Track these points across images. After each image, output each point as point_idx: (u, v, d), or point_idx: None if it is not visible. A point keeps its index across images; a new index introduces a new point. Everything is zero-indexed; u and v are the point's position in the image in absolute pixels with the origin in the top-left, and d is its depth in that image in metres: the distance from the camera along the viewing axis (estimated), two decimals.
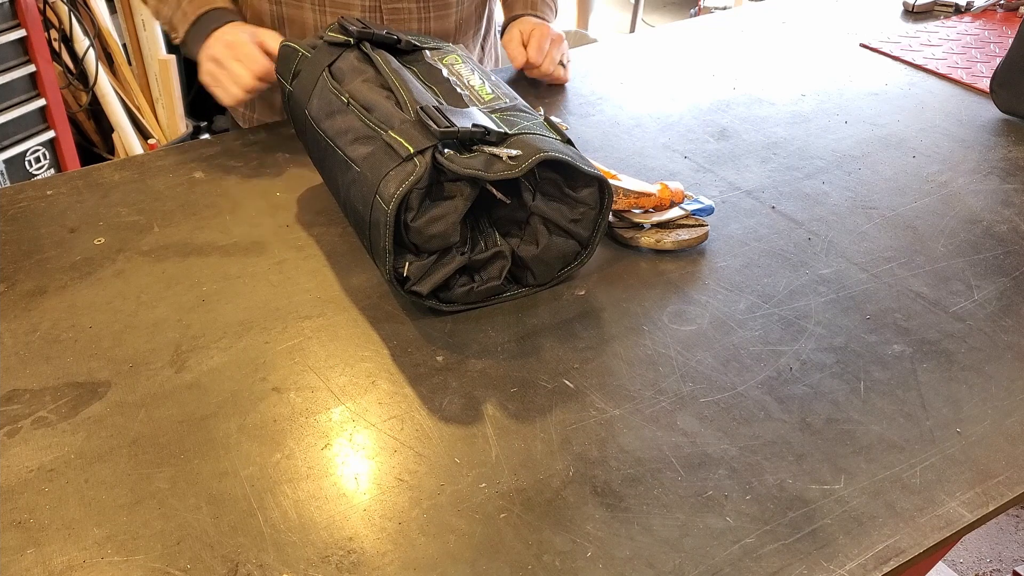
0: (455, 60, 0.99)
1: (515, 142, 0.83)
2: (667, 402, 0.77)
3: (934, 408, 0.77)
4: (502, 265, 0.87)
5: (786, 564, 0.63)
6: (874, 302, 0.89)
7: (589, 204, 0.87)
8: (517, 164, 0.81)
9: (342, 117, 0.91)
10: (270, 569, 0.62)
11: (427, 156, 0.80)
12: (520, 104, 0.92)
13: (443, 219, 0.81)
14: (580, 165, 0.84)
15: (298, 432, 0.74)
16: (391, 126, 0.85)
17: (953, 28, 1.59)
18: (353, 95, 0.92)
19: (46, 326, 0.85)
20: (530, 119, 0.88)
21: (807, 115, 1.28)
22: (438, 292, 0.86)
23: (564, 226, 0.88)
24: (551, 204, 0.87)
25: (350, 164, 0.87)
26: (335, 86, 0.94)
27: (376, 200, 0.81)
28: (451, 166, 0.80)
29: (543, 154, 0.81)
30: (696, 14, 4.11)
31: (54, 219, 1.01)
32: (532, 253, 0.88)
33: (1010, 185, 1.11)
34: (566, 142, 0.87)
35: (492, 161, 0.81)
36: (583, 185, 0.86)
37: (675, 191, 0.98)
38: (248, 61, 1.09)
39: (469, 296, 0.87)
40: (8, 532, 0.65)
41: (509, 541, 0.64)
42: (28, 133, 2.20)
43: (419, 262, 0.83)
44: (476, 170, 0.80)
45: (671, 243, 0.96)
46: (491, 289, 0.87)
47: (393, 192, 0.79)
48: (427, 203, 0.81)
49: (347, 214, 0.92)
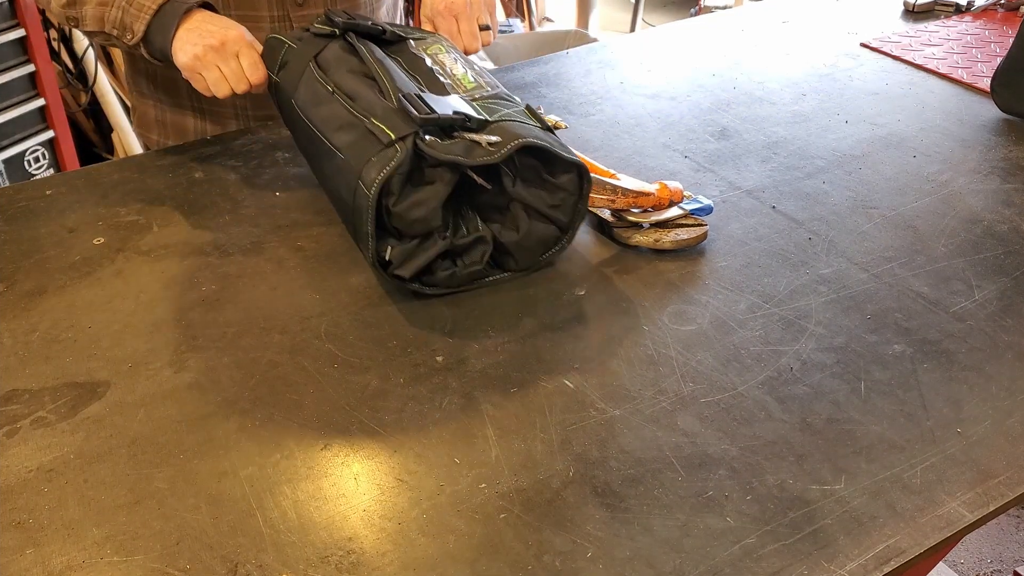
0: (439, 50, 1.01)
1: (495, 129, 0.85)
2: (667, 402, 0.77)
3: (935, 408, 0.77)
4: (483, 250, 0.89)
5: (786, 564, 0.63)
6: (875, 302, 0.89)
7: (568, 190, 0.89)
8: (496, 150, 0.83)
9: (327, 106, 0.93)
10: (269, 569, 0.62)
11: (408, 142, 0.82)
12: (502, 92, 0.93)
13: (424, 204, 0.83)
14: (559, 151, 0.86)
15: (298, 432, 0.73)
16: (374, 114, 0.87)
17: (954, 28, 1.59)
18: (338, 84, 0.94)
19: (45, 326, 0.85)
20: (511, 107, 0.90)
21: (807, 115, 1.28)
22: (421, 276, 0.88)
23: (544, 211, 0.89)
24: (531, 190, 0.88)
25: (335, 152, 0.89)
26: (321, 76, 0.96)
27: (359, 185, 0.83)
28: (432, 152, 0.82)
29: (522, 140, 0.83)
30: (696, 14, 4.11)
31: (53, 219, 1.01)
32: (513, 238, 0.90)
33: (1011, 185, 1.10)
34: (546, 129, 0.89)
35: (472, 147, 0.83)
36: (562, 171, 0.88)
37: (674, 190, 0.98)
38: (249, 67, 1.03)
39: (452, 280, 0.88)
40: (7, 532, 0.65)
41: (509, 541, 0.64)
42: (27, 133, 2.19)
43: (401, 246, 0.85)
44: (456, 156, 0.82)
45: (670, 243, 0.96)
46: (473, 274, 0.89)
47: (375, 177, 0.81)
48: (408, 188, 0.83)
49: (332, 200, 0.94)
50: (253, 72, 1.03)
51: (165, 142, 1.27)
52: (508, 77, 1.39)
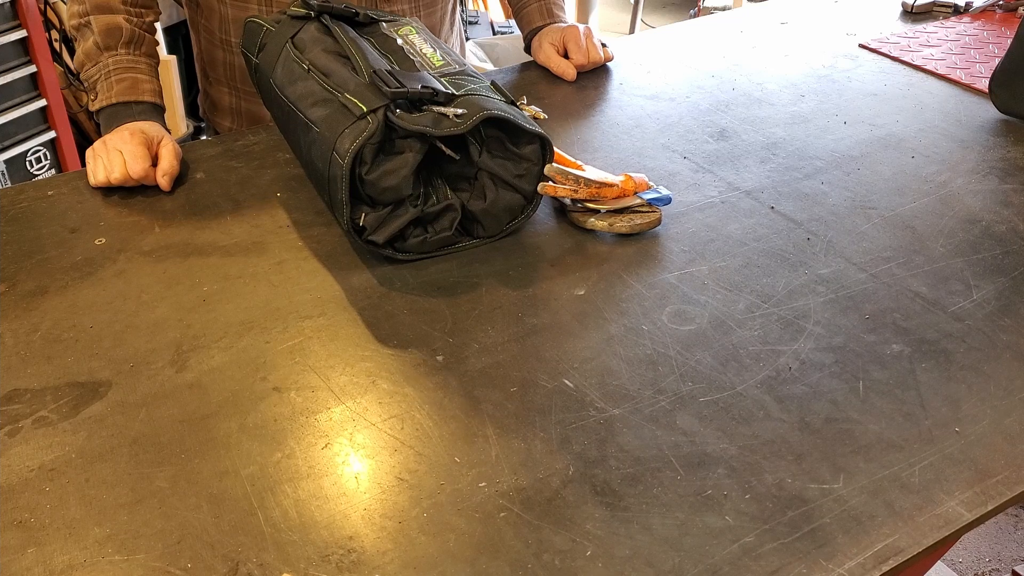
0: (409, 31, 1.05)
1: (461, 102, 0.90)
2: (666, 402, 0.77)
3: (933, 407, 0.77)
4: (453, 217, 0.94)
5: (785, 563, 0.63)
6: (873, 302, 0.90)
7: (532, 160, 0.95)
8: (463, 121, 0.88)
9: (303, 83, 0.97)
10: (270, 568, 0.62)
11: (379, 115, 0.87)
12: (468, 70, 0.99)
13: (395, 173, 0.89)
14: (522, 123, 0.92)
15: (298, 431, 0.74)
16: (347, 89, 0.92)
17: (952, 28, 1.59)
18: (313, 62, 0.98)
19: (47, 326, 0.85)
20: (477, 83, 0.96)
21: (806, 115, 1.28)
22: (394, 243, 0.93)
23: (510, 181, 0.95)
24: (497, 160, 0.94)
25: (310, 126, 0.93)
26: (297, 55, 1.01)
27: (333, 155, 0.88)
28: (401, 123, 0.87)
29: (486, 112, 0.89)
30: (696, 15, 4.12)
31: (55, 219, 1.02)
32: (481, 207, 0.95)
33: (1009, 185, 1.11)
34: (510, 103, 0.94)
35: (440, 119, 0.88)
36: (526, 142, 0.94)
37: (639, 182, 1.01)
38: (131, 159, 1.05)
39: (423, 246, 0.94)
40: (9, 531, 0.65)
41: (509, 540, 0.65)
42: (29, 133, 2.19)
43: (375, 213, 0.91)
44: (425, 127, 0.87)
45: (626, 227, 0.98)
46: (443, 240, 0.94)
47: (348, 147, 0.86)
48: (380, 158, 0.89)
49: (309, 174, 1.00)
50: (116, 170, 1.05)
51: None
52: (508, 78, 1.40)
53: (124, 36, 1.15)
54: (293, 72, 1.00)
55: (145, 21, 1.18)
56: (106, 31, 1.14)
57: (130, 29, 1.15)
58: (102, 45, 1.14)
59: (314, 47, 1.00)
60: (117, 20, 1.14)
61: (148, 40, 1.18)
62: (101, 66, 1.14)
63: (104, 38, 1.14)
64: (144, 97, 1.14)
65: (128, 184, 1.06)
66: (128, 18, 1.15)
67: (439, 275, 0.93)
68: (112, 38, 1.14)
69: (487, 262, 0.95)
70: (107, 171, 1.05)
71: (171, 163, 1.07)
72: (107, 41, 1.14)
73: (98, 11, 1.14)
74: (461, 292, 0.90)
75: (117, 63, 1.14)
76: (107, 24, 1.14)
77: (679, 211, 1.04)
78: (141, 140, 1.07)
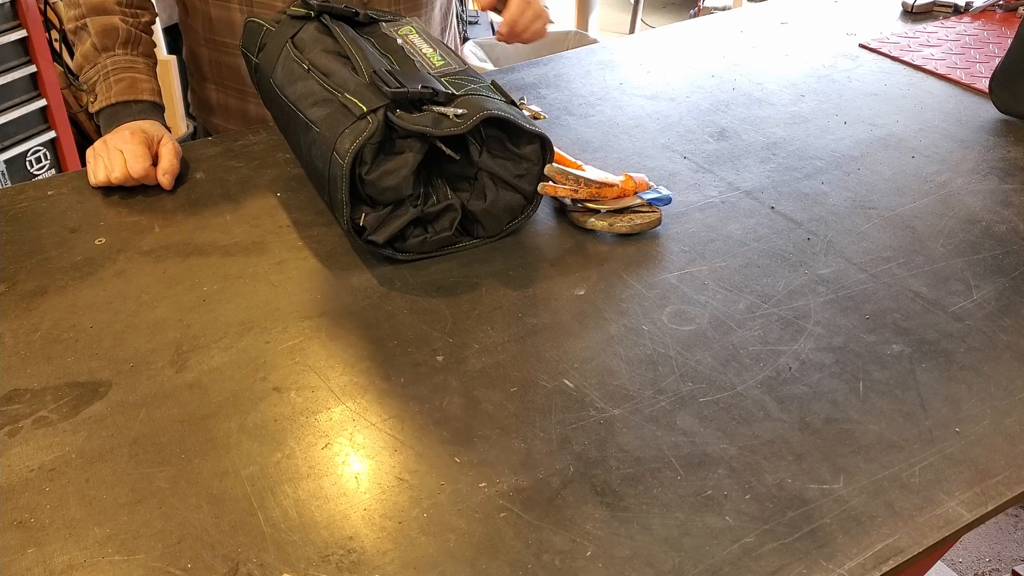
0: (409, 31, 1.05)
1: (461, 102, 0.90)
2: (666, 402, 0.77)
3: (933, 408, 0.77)
4: (453, 217, 0.94)
5: (785, 563, 0.63)
6: (873, 302, 0.90)
7: (532, 160, 0.94)
8: (463, 121, 0.88)
9: (303, 83, 0.97)
10: (270, 568, 0.62)
11: (379, 115, 0.87)
12: (469, 70, 0.98)
13: (395, 173, 0.89)
14: (522, 123, 0.91)
15: (299, 431, 0.74)
16: (347, 89, 0.92)
17: (952, 28, 1.59)
18: (313, 62, 0.98)
19: (47, 326, 0.85)
20: (477, 83, 0.96)
21: (806, 115, 1.28)
22: (394, 243, 0.93)
23: (510, 181, 0.95)
24: (497, 160, 0.94)
25: (310, 126, 0.93)
26: (297, 55, 1.01)
27: (333, 156, 0.88)
28: (401, 123, 0.87)
29: (487, 112, 0.89)
30: (696, 15, 4.12)
31: (55, 219, 1.02)
32: (481, 207, 0.95)
33: (1009, 185, 1.11)
34: (510, 103, 0.94)
35: (440, 119, 0.88)
36: (526, 142, 0.94)
37: (639, 182, 1.01)
38: (132, 159, 1.05)
39: (423, 246, 0.94)
40: (9, 531, 0.65)
41: (509, 540, 0.65)
42: (29, 133, 2.19)
43: (375, 213, 0.91)
44: (425, 127, 0.87)
45: (626, 227, 0.98)
46: (443, 240, 0.94)
47: (348, 147, 0.86)
48: (380, 158, 0.89)
49: (309, 174, 0.99)
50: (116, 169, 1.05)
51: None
52: (508, 78, 1.40)
53: (121, 36, 1.15)
54: (293, 72, 1.00)
55: (141, 21, 1.18)
56: (103, 32, 1.14)
57: (126, 29, 1.15)
58: (99, 46, 1.14)
59: (314, 47, 1.00)
60: (113, 21, 1.15)
61: (145, 40, 1.18)
62: (99, 67, 1.14)
63: (101, 39, 1.14)
64: (143, 96, 1.14)
65: (129, 183, 1.06)
66: (124, 19, 1.16)
67: (439, 275, 0.93)
68: (109, 39, 1.14)
69: (487, 262, 0.95)
70: (108, 170, 1.05)
71: (172, 162, 1.07)
72: (104, 42, 1.14)
73: (94, 12, 1.15)
74: (461, 292, 0.90)
75: (115, 64, 1.14)
76: (103, 25, 1.14)
77: (679, 211, 1.04)
78: (142, 139, 1.07)
